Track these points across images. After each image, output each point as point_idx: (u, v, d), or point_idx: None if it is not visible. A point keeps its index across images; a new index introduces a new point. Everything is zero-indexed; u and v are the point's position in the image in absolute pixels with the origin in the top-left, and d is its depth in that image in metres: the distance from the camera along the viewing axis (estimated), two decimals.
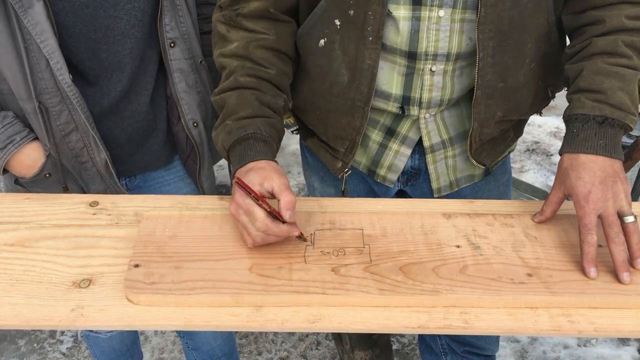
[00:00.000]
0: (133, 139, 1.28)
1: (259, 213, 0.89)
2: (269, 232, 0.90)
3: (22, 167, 1.20)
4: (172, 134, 1.36)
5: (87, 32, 1.14)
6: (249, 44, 1.07)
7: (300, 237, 0.94)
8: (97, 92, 1.20)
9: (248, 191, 0.90)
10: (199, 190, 1.41)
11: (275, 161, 1.00)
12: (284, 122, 1.28)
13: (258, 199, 0.90)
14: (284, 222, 0.91)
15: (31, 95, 1.12)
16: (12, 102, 1.17)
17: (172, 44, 1.22)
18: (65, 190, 1.25)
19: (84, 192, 1.28)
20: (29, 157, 1.19)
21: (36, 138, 1.20)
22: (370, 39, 1.01)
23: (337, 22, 1.03)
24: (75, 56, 1.16)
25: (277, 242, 0.95)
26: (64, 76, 1.11)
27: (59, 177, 1.22)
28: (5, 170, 1.21)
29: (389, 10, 0.99)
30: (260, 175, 0.93)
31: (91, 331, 1.61)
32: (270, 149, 1.01)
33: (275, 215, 0.91)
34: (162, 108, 1.32)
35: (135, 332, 1.77)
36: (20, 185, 1.25)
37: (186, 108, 1.28)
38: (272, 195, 0.93)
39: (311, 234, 0.98)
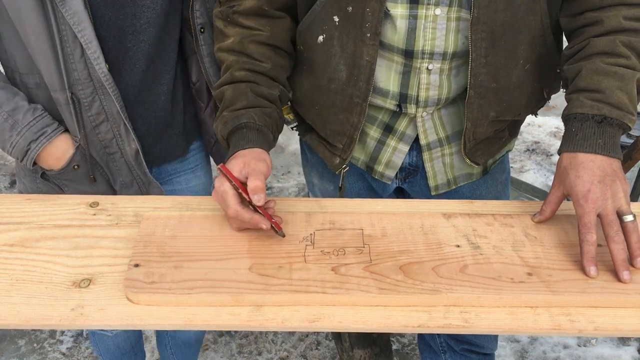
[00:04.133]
0: (153, 130, 1.29)
1: (231, 199, 0.93)
2: (240, 217, 0.93)
3: (51, 159, 1.21)
4: (197, 121, 1.38)
5: (116, 20, 1.14)
6: (243, 39, 1.10)
7: (276, 231, 0.95)
8: (120, 82, 1.20)
9: (228, 178, 0.94)
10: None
11: (265, 149, 1.02)
12: (284, 119, 1.29)
13: (238, 186, 0.94)
14: (256, 210, 0.94)
15: (64, 86, 1.13)
16: (39, 95, 1.18)
17: (202, 29, 1.24)
18: (93, 181, 1.25)
19: (110, 184, 1.29)
20: (59, 149, 1.20)
21: (66, 130, 1.21)
22: (369, 35, 1.02)
23: (336, 19, 1.03)
24: (105, 46, 1.16)
25: (277, 242, 0.95)
26: (101, 65, 1.12)
27: (87, 168, 1.23)
28: (33, 163, 1.22)
29: (386, 8, 1.00)
30: (241, 161, 0.97)
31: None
32: (265, 138, 1.05)
33: (252, 203, 0.94)
34: (179, 99, 1.33)
35: (140, 331, 1.77)
36: (46, 179, 1.26)
37: None
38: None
39: (311, 234, 0.98)
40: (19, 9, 1.06)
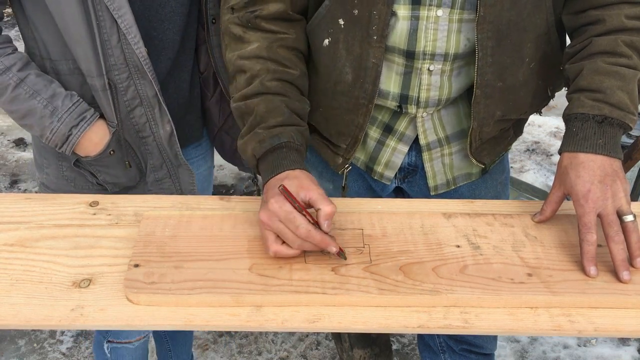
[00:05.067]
0: (175, 116, 1.29)
1: (301, 219, 0.88)
2: (310, 238, 0.88)
3: (90, 145, 1.21)
4: (202, 109, 1.39)
5: (143, 10, 1.16)
6: (272, 44, 1.05)
7: (340, 254, 0.91)
8: None
9: (290, 198, 0.89)
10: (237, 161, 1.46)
11: (308, 170, 0.98)
12: None
13: (301, 208, 0.89)
14: None
15: (102, 72, 1.14)
16: (72, 82, 1.19)
17: (213, 20, 1.25)
18: (128, 167, 1.27)
19: (140, 168, 1.30)
20: (97, 135, 1.21)
21: (101, 116, 1.22)
22: (375, 37, 1.01)
23: (341, 22, 1.03)
24: None
25: None
26: (141, 50, 1.14)
27: (123, 153, 1.25)
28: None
29: (393, 9, 1.00)
30: (296, 184, 0.92)
31: (119, 342, 1.59)
32: (302, 158, 1.01)
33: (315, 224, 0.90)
34: (196, 84, 1.35)
35: (147, 342, 1.75)
36: (78, 166, 1.26)
37: (227, 82, 1.30)
38: (308, 205, 0.92)
39: None
40: None
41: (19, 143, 3.54)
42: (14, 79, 1.13)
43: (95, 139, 1.21)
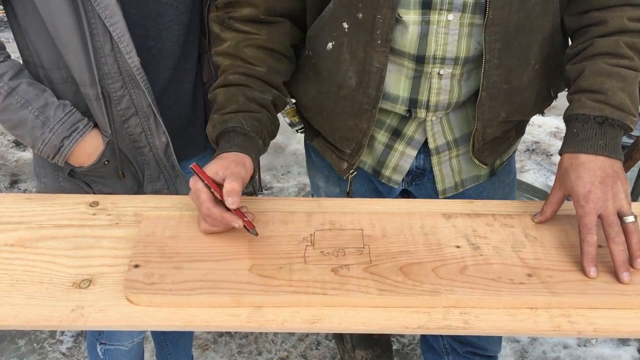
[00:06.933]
0: (176, 127, 1.28)
1: (203, 196, 0.93)
2: (211, 215, 0.92)
3: (83, 156, 1.19)
4: (206, 121, 1.37)
5: (139, 19, 1.14)
6: (239, 43, 1.10)
7: (248, 230, 0.94)
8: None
9: (198, 175, 0.94)
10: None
11: (249, 154, 1.01)
12: (289, 121, 1.29)
13: (209, 185, 0.93)
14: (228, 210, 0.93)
15: (95, 80, 1.12)
16: (65, 90, 1.17)
17: None
18: (122, 177, 1.25)
19: (137, 179, 1.28)
20: (91, 145, 1.19)
21: (95, 125, 1.20)
22: (379, 42, 1.01)
23: (345, 26, 1.03)
24: None
25: (277, 243, 0.95)
26: (134, 59, 1.12)
27: (117, 163, 1.23)
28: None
29: (398, 14, 0.99)
30: (218, 164, 0.96)
31: (112, 344, 1.58)
32: (252, 143, 1.03)
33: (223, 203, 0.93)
34: (199, 95, 1.33)
35: (141, 344, 1.75)
36: (73, 177, 1.25)
37: None
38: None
39: (311, 234, 0.98)
40: (48, 3, 1.05)
41: (19, 143, 3.54)
42: (5, 88, 1.10)
43: (88, 149, 1.19)
